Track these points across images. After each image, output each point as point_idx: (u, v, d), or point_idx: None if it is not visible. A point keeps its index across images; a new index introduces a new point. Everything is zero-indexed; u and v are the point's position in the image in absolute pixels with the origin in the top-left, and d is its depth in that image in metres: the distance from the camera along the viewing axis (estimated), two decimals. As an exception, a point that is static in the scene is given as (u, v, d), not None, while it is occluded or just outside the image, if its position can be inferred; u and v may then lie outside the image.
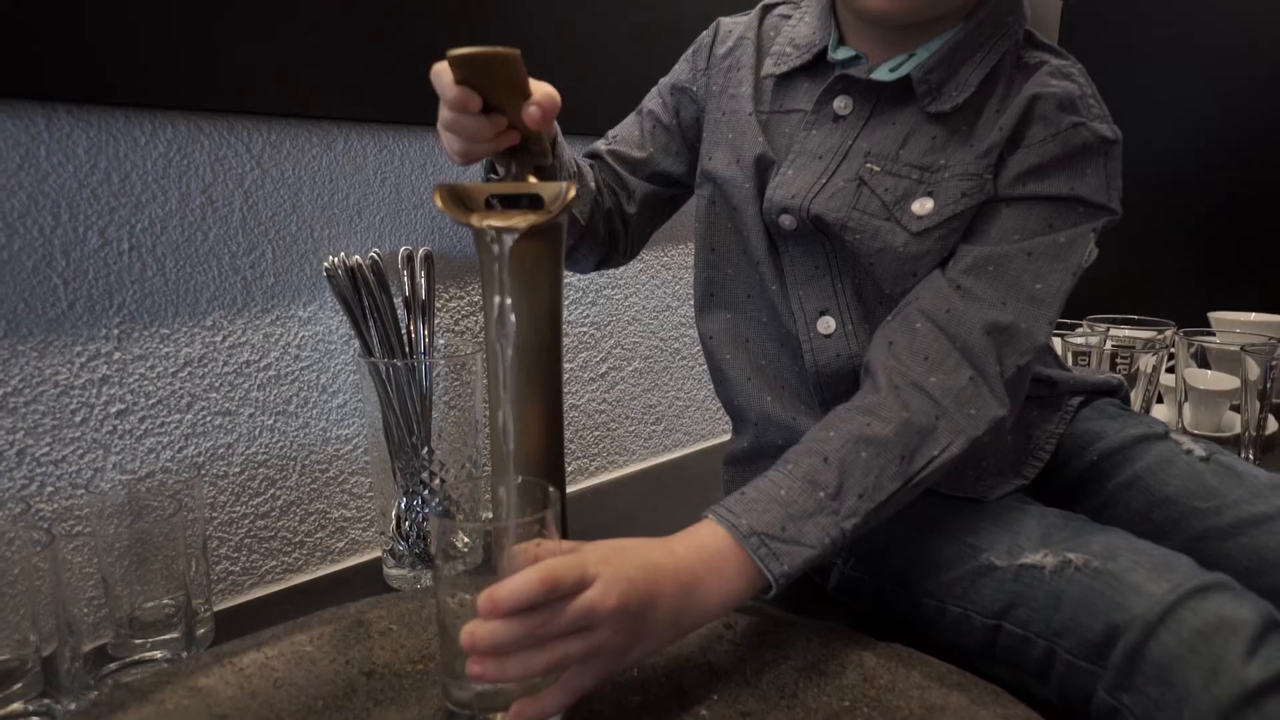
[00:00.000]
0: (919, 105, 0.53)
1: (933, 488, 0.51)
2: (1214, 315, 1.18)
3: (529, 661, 0.39)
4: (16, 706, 0.47)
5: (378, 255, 0.66)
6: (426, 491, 0.66)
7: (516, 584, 0.38)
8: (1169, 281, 1.32)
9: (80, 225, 0.54)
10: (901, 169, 0.53)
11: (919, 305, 0.52)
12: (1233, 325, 1.15)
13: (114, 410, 0.57)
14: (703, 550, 0.45)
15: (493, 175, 0.55)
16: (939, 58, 0.53)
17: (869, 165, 0.54)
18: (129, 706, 0.42)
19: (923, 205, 0.52)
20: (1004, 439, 0.55)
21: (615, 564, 0.41)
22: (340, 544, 0.71)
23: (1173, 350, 0.99)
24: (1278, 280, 1.22)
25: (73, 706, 0.47)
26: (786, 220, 0.55)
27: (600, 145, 0.64)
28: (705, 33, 0.64)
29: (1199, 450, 0.55)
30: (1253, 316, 1.17)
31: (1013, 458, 0.57)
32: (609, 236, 0.63)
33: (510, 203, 0.50)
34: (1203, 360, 1.03)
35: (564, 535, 0.50)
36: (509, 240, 0.45)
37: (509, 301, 0.48)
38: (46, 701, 0.48)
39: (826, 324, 0.56)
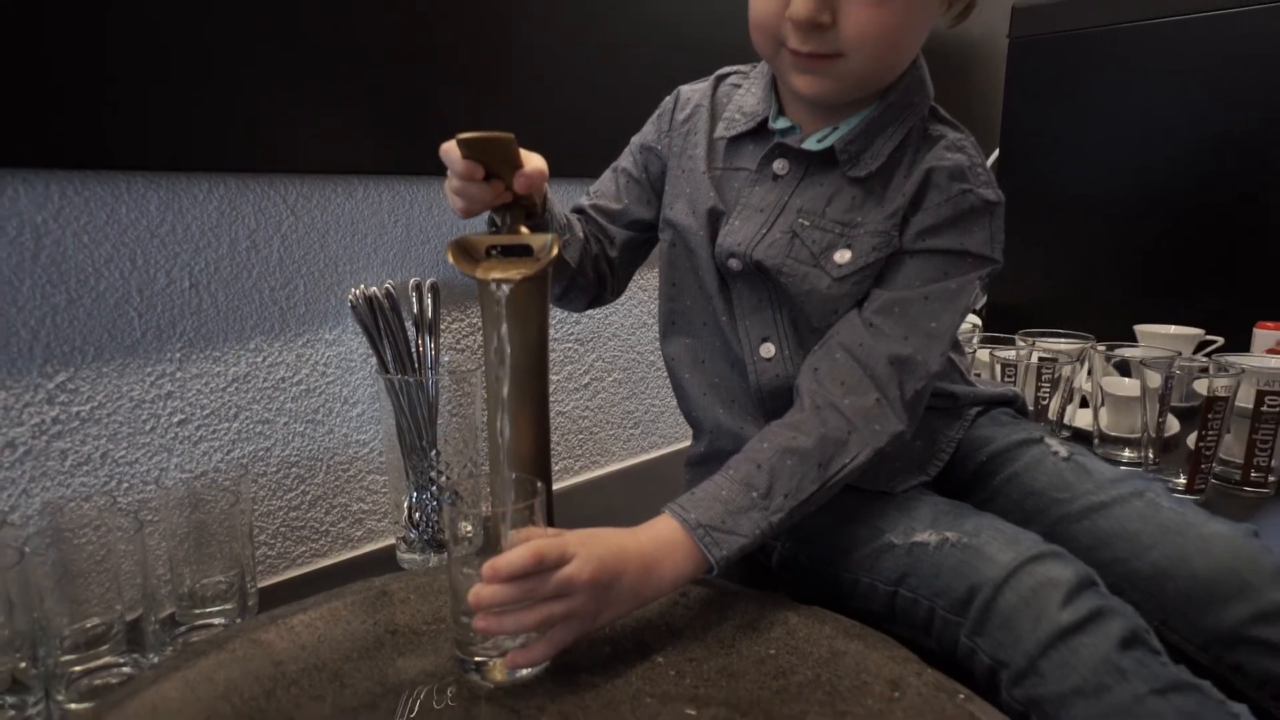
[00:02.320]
0: (841, 170, 0.63)
1: (852, 484, 0.62)
2: (1139, 328, 1.30)
3: (521, 619, 0.50)
4: (109, 659, 0.58)
5: (391, 285, 0.76)
6: (434, 487, 0.75)
7: (512, 556, 0.49)
8: (1106, 296, 1.44)
9: (151, 268, 0.66)
10: (826, 224, 0.64)
11: (839, 339, 0.62)
12: (1155, 337, 1.27)
13: (176, 420, 0.69)
14: (660, 538, 0.55)
15: (493, 226, 0.66)
16: (857, 132, 0.63)
17: (800, 220, 0.64)
18: (208, 653, 0.53)
19: (842, 255, 0.63)
20: (909, 446, 0.66)
21: (590, 546, 0.52)
22: (359, 533, 0.82)
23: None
24: (1198, 296, 1.34)
25: (155, 659, 0.59)
26: (734, 263, 0.66)
27: (584, 201, 0.74)
28: (668, 99, 0.74)
29: (1063, 452, 0.66)
30: (1172, 329, 1.28)
31: (919, 459, 0.68)
32: (598, 279, 0.72)
33: (506, 251, 0.62)
34: (1126, 370, 1.15)
35: (551, 524, 0.62)
36: (506, 288, 0.57)
37: (505, 334, 0.60)
38: (135, 656, 0.58)
39: (768, 349, 0.67)
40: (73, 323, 0.62)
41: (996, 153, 1.55)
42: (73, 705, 0.55)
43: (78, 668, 0.56)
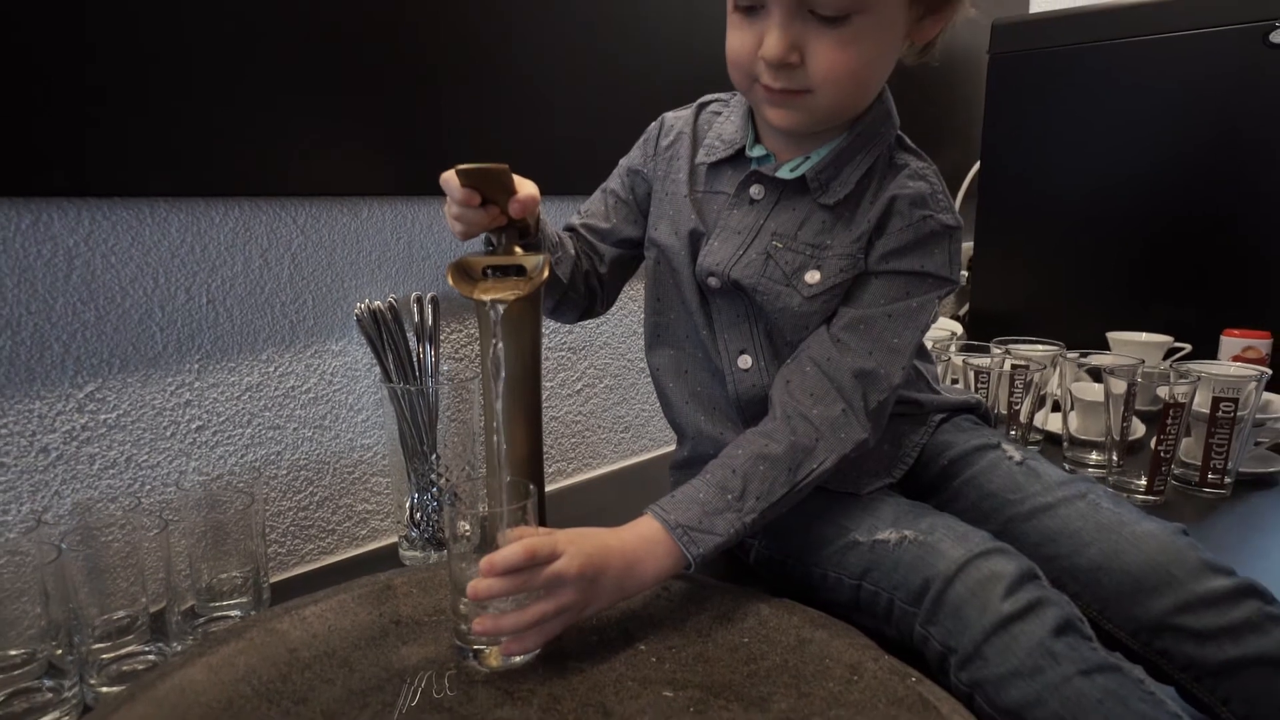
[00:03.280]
0: (813, 197, 0.68)
1: (822, 486, 0.66)
2: (1111, 335, 1.35)
3: (517, 619, 0.55)
4: (135, 647, 0.63)
5: (394, 299, 0.80)
6: (434, 489, 0.79)
7: (506, 553, 0.54)
8: (1082, 304, 1.49)
9: (172, 286, 0.71)
10: (799, 246, 0.68)
11: (809, 353, 0.67)
12: (1125, 344, 1.32)
13: (194, 426, 0.74)
14: (642, 537, 0.60)
15: (490, 246, 0.70)
16: (827, 161, 0.67)
17: (774, 243, 0.69)
18: (228, 641, 0.58)
19: (813, 276, 0.67)
20: (876, 451, 0.70)
21: (578, 543, 0.57)
22: (363, 531, 0.87)
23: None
24: (1170, 304, 1.39)
25: (178, 647, 0.64)
26: (713, 281, 0.71)
27: (575, 219, 0.79)
28: (653, 125, 0.78)
29: (1017, 456, 0.71)
30: (1143, 336, 1.33)
31: (885, 462, 0.73)
32: (588, 293, 0.77)
33: (501, 271, 0.67)
34: (1099, 375, 1.20)
35: (543, 524, 0.67)
36: (501, 308, 0.62)
37: (500, 348, 0.65)
38: (159, 644, 0.63)
39: (745, 361, 0.72)
40: (101, 337, 0.67)
41: (978, 165, 1.60)
42: (104, 689, 0.60)
43: (107, 655, 0.61)
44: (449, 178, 0.61)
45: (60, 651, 0.58)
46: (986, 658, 0.53)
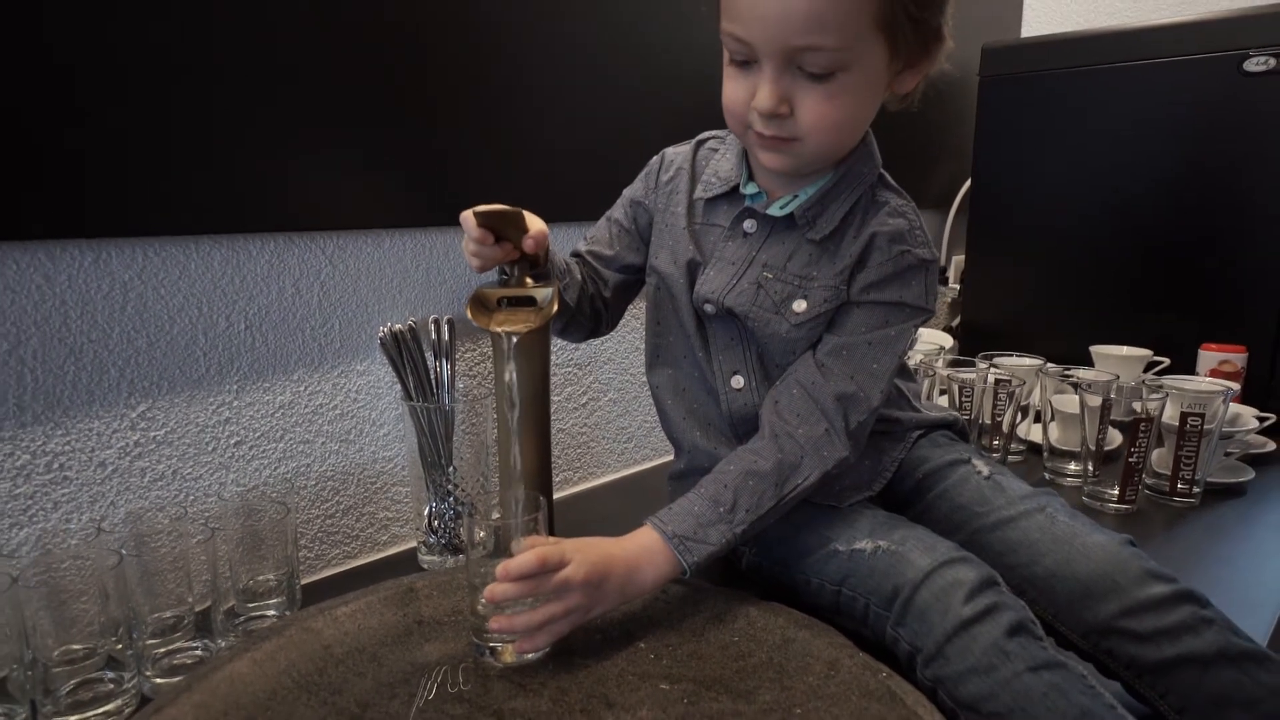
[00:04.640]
0: (800, 232, 0.74)
1: (807, 499, 0.72)
2: (1093, 349, 1.41)
3: (529, 619, 0.62)
4: (183, 644, 0.69)
5: (414, 322, 0.87)
6: (451, 499, 0.86)
7: (519, 560, 0.60)
8: (1068, 319, 1.54)
9: (214, 313, 0.77)
10: (787, 277, 0.74)
11: (795, 377, 0.73)
12: (1107, 358, 1.38)
13: (233, 442, 0.80)
14: (642, 546, 0.66)
15: (504, 275, 0.76)
16: (814, 200, 0.73)
17: (765, 273, 0.75)
18: (270, 638, 0.65)
19: (799, 305, 0.73)
20: (858, 466, 0.76)
21: (584, 551, 0.63)
22: (385, 537, 0.93)
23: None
24: (1151, 319, 1.45)
25: (223, 644, 0.70)
26: (709, 307, 0.77)
27: (581, 246, 0.84)
28: (654, 159, 0.84)
29: (985, 471, 0.77)
30: (1124, 350, 1.39)
31: (866, 476, 0.79)
32: (594, 315, 0.83)
33: (514, 302, 0.73)
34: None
35: (551, 531, 0.73)
36: (514, 339, 0.68)
37: (514, 374, 0.71)
38: (205, 641, 0.70)
39: (738, 381, 0.78)
40: (151, 362, 0.74)
41: (969, 183, 1.66)
42: (158, 680, 0.66)
43: (160, 650, 0.68)
44: (467, 218, 0.67)
45: (120, 646, 0.64)
46: (948, 656, 0.59)
